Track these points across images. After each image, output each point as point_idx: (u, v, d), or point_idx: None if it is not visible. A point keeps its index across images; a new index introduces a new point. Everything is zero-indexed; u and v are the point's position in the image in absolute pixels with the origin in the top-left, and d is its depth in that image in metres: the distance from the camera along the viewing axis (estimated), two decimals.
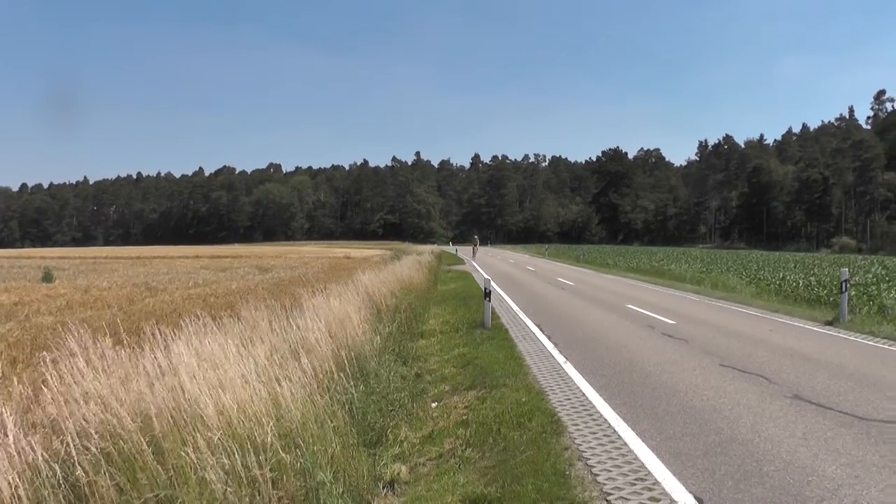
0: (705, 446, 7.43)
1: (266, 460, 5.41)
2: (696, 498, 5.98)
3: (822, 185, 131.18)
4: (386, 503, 6.53)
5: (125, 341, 7.17)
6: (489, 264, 55.43)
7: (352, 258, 58.81)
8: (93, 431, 4.96)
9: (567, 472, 6.66)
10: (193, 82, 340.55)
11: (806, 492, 6.09)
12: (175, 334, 7.15)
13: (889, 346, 14.30)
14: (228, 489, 4.91)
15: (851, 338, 15.41)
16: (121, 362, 6.11)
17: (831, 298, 21.22)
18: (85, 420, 5.06)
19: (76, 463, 4.71)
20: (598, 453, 7.27)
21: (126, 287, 27.84)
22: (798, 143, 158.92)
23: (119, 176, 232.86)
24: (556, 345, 14.38)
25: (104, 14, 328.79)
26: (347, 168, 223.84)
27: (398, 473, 7.30)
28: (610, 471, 6.72)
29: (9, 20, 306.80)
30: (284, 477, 5.40)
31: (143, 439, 5.00)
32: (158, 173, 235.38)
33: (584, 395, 9.93)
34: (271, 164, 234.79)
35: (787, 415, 8.70)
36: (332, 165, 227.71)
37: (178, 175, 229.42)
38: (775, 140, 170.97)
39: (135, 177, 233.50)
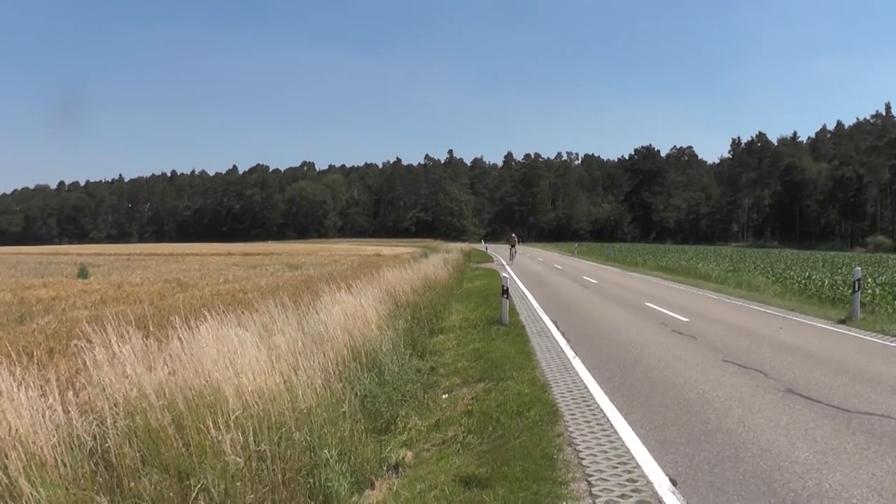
0: (690, 435, 7.92)
1: (276, 437, 6.04)
2: (671, 480, 6.49)
3: (856, 184, 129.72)
4: (388, 483, 7.13)
5: (154, 333, 7.82)
6: (516, 262, 55.77)
7: (382, 256, 59.55)
8: (121, 409, 5.64)
9: (555, 456, 7.20)
10: (228, 82, 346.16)
11: (775, 475, 6.57)
12: (199, 327, 7.79)
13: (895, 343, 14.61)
14: (240, 461, 5.53)
15: (860, 336, 15.69)
16: (148, 350, 6.78)
17: None
18: (114, 399, 5.74)
19: (107, 436, 5.39)
20: (587, 440, 7.80)
21: (158, 283, 28.77)
22: (832, 141, 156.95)
23: (154, 174, 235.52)
24: (568, 341, 14.87)
25: (138, 15, 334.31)
26: (380, 166, 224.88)
27: (403, 458, 7.90)
28: (596, 455, 7.25)
29: (44, 21, 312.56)
30: (290, 452, 6.01)
31: (167, 415, 5.68)
32: (192, 171, 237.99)
33: (585, 387, 10.43)
34: (304, 163, 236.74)
35: (775, 407, 9.14)
36: (365, 164, 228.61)
37: (212, 173, 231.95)
38: (809, 138, 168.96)
39: (169, 175, 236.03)
